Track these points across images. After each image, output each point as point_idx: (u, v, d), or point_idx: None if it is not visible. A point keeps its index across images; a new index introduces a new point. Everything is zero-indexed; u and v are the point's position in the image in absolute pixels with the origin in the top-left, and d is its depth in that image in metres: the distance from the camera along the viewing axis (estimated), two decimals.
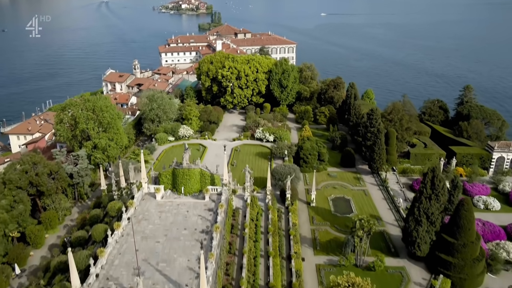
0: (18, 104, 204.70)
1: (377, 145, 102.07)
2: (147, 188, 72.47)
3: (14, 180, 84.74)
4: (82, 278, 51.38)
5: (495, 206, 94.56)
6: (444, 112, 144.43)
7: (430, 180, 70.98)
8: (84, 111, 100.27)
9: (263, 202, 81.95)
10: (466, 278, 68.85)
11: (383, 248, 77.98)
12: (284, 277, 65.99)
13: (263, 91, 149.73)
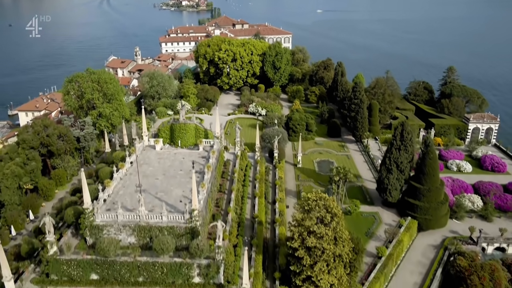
0: (24, 90, 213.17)
1: (360, 114, 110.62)
2: (148, 141, 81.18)
3: (27, 140, 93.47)
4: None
5: (466, 169, 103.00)
6: (429, 93, 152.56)
7: (400, 133, 79.49)
8: (90, 83, 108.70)
9: (252, 159, 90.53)
10: (430, 219, 77.38)
11: (360, 198, 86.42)
12: (268, 216, 74.69)
13: (258, 72, 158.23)
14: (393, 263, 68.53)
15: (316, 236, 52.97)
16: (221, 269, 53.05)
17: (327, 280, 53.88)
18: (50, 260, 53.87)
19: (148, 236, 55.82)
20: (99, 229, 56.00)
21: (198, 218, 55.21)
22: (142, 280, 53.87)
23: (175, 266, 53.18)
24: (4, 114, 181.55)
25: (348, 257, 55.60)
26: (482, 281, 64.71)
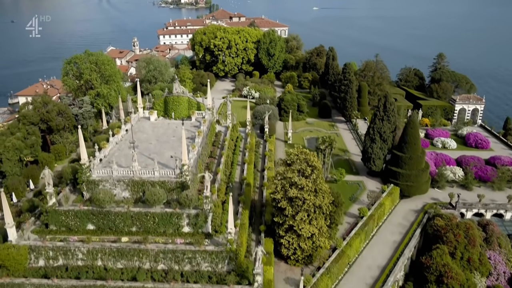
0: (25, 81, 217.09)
1: (349, 94, 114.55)
2: (143, 113, 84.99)
3: (28, 116, 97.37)
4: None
5: (451, 145, 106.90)
6: (420, 79, 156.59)
7: (383, 104, 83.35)
8: (88, 64, 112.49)
9: (243, 133, 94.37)
10: (412, 185, 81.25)
11: (346, 169, 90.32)
12: (257, 182, 78.58)
13: (252, 59, 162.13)
14: (374, 223, 72.39)
15: (297, 187, 56.81)
16: (209, 218, 56.80)
17: (308, 229, 57.70)
18: (49, 211, 57.63)
19: (141, 190, 59.52)
20: (95, 184, 59.72)
21: (188, 173, 58.96)
22: (135, 230, 57.62)
23: (166, 216, 56.95)
24: (5, 102, 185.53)
25: (328, 209, 59.42)
26: (457, 238, 68.60)
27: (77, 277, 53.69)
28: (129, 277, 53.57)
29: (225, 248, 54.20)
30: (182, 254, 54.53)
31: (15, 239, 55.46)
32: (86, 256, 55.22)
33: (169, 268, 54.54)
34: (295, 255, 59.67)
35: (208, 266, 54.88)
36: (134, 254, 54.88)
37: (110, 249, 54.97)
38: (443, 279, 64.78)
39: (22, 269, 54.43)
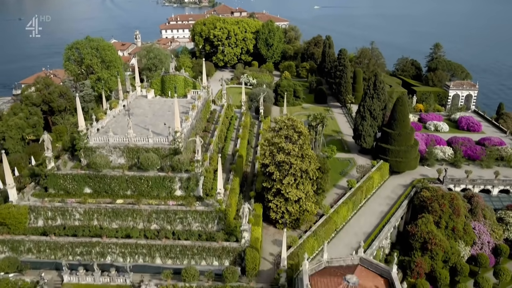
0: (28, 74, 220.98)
1: (343, 78, 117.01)
2: (140, 92, 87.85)
3: (30, 97, 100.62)
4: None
5: (443, 128, 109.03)
6: (416, 69, 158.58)
7: (373, 83, 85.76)
8: (89, 49, 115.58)
9: (238, 114, 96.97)
10: (401, 161, 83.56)
11: (338, 148, 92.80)
12: (250, 157, 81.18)
13: (251, 49, 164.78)
14: (362, 194, 74.77)
15: (284, 152, 59.35)
16: (200, 182, 59.41)
17: (295, 193, 60.23)
18: (48, 175, 60.48)
19: (136, 157, 62.12)
20: (92, 150, 62.39)
21: (181, 140, 61.59)
22: (129, 193, 60.31)
23: (159, 179, 59.60)
24: (10, 93, 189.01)
25: (314, 175, 61.90)
26: (442, 207, 70.93)
27: (74, 235, 56.46)
28: (123, 235, 56.25)
29: (214, 208, 56.81)
30: (174, 214, 57.16)
31: (15, 199, 58.34)
32: (83, 216, 57.99)
33: (161, 228, 57.21)
34: (283, 218, 62.14)
35: (198, 226, 57.50)
36: (128, 215, 57.58)
37: (105, 210, 57.71)
38: (427, 246, 67.17)
39: (22, 228, 57.28)
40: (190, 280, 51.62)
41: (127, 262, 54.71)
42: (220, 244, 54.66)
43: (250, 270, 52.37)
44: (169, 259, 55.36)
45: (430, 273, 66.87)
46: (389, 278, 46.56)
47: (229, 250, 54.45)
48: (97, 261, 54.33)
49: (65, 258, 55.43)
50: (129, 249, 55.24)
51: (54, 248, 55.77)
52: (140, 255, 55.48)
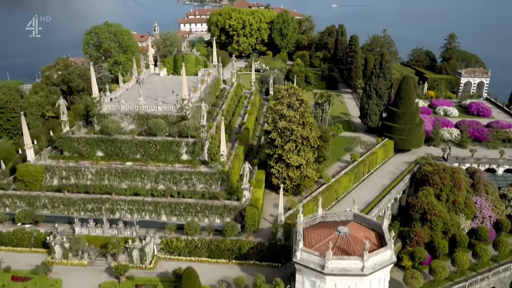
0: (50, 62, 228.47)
1: (354, 64, 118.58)
2: (153, 70, 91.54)
3: (50, 77, 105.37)
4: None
5: (453, 113, 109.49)
6: (430, 59, 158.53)
7: (379, 62, 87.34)
8: (107, 34, 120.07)
9: (248, 94, 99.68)
10: (405, 139, 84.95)
11: (345, 127, 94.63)
12: (256, 132, 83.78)
13: (266, 39, 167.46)
14: (365, 168, 76.60)
15: (286, 119, 61.79)
16: (205, 147, 62.32)
17: (296, 159, 62.58)
18: (64, 138, 64.37)
19: (146, 124, 65.36)
20: (105, 117, 65.91)
21: (188, 108, 64.64)
22: (139, 157, 63.60)
23: (167, 143, 62.74)
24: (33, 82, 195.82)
25: (315, 142, 64.12)
26: (443, 180, 72.14)
27: (86, 192, 60.10)
28: (131, 193, 59.60)
29: (218, 170, 59.65)
30: (180, 175, 60.23)
31: (32, 159, 62.37)
32: (95, 176, 61.57)
33: (167, 188, 60.25)
34: (284, 184, 64.50)
35: (203, 187, 60.40)
36: (137, 175, 60.91)
37: (115, 170, 61.18)
38: (427, 217, 68.56)
39: (39, 185, 61.17)
40: (192, 233, 54.56)
41: (134, 218, 57.89)
42: (222, 202, 57.47)
43: (249, 226, 55.00)
44: (174, 216, 58.41)
45: (429, 243, 68.17)
46: (380, 232, 48.52)
47: (230, 208, 57.20)
48: (107, 217, 57.63)
49: (77, 214, 59.01)
50: (136, 206, 58.54)
51: (67, 204, 59.47)
52: (146, 212, 58.71)
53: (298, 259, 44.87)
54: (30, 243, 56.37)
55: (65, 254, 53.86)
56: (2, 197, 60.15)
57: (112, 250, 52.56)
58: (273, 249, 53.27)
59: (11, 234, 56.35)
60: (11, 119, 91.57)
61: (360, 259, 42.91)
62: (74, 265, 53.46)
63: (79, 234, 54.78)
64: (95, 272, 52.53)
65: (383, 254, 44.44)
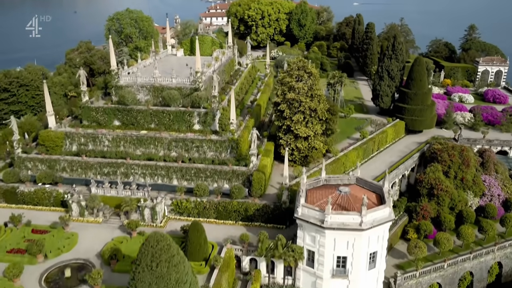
0: None
1: (369, 50, 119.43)
2: (171, 51, 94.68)
3: (73, 59, 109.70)
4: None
5: (468, 100, 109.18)
6: (449, 50, 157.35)
7: (392, 44, 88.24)
8: (128, 20, 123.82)
9: (263, 77, 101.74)
10: (416, 119, 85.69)
11: (358, 110, 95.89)
12: (269, 111, 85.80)
13: (284, 30, 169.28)
14: (374, 145, 77.79)
15: (295, 91, 63.67)
16: (216, 117, 64.70)
17: (304, 131, 64.40)
18: (83, 107, 67.80)
19: (161, 96, 68.07)
20: (122, 88, 69.05)
21: (201, 81, 67.15)
22: (153, 126, 66.44)
23: (180, 113, 65.38)
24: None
25: (323, 115, 65.77)
26: (451, 157, 72.79)
27: (102, 156, 63.26)
28: (145, 159, 62.50)
29: (227, 138, 62.00)
30: (191, 142, 62.85)
31: (54, 126, 65.99)
32: (111, 143, 64.72)
33: (179, 155, 62.87)
34: (292, 155, 66.40)
35: (213, 155, 62.84)
36: (151, 142, 63.79)
37: (131, 138, 64.22)
38: (434, 192, 69.38)
39: (59, 150, 64.72)
40: (201, 194, 57.06)
41: (147, 181, 60.72)
42: (231, 168, 59.78)
43: (256, 190, 57.15)
44: (185, 181, 61.00)
45: (436, 218, 69.05)
46: (381, 194, 49.96)
47: (238, 173, 59.46)
48: (121, 180, 60.57)
49: (94, 177, 62.20)
50: (149, 170, 61.38)
51: (85, 168, 62.76)
52: (159, 176, 61.50)
53: (299, 214, 46.77)
54: (50, 202, 59.79)
55: (81, 212, 57.00)
56: (25, 160, 63.86)
57: (125, 208, 55.43)
58: (278, 211, 55.26)
59: (32, 193, 59.88)
60: (35, 96, 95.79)
61: (359, 214, 44.52)
62: (89, 222, 56.55)
63: (95, 194, 57.86)
64: (109, 228, 55.47)
65: (381, 211, 45.91)
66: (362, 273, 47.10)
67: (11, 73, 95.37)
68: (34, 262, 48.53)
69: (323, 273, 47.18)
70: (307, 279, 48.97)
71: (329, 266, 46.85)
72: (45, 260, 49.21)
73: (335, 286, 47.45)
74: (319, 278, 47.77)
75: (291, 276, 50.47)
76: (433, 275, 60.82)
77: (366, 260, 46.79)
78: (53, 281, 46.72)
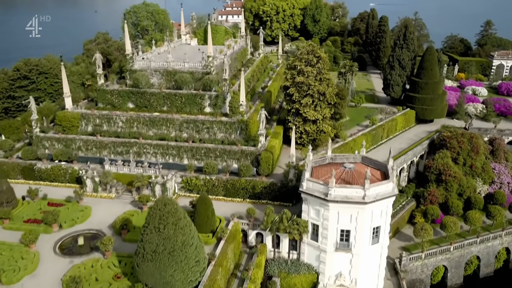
0: None
1: (382, 43, 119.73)
2: (185, 40, 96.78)
3: (91, 49, 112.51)
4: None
5: (481, 92, 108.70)
6: (465, 46, 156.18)
7: (403, 34, 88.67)
8: (144, 13, 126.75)
9: (276, 68, 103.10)
10: (427, 109, 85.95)
11: (369, 100, 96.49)
12: (280, 98, 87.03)
13: (298, 25, 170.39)
14: (383, 132, 78.40)
15: (304, 75, 64.84)
16: (227, 100, 66.29)
17: (312, 114, 65.49)
18: (99, 89, 70.15)
19: (173, 80, 70.02)
20: (136, 72, 71.15)
21: (212, 65, 68.80)
22: (166, 109, 68.41)
23: (191, 96, 67.18)
24: None
25: (332, 99, 66.76)
26: (460, 144, 73.05)
27: (116, 136, 65.41)
28: (157, 138, 64.46)
29: (237, 120, 63.53)
30: (202, 124, 64.60)
31: (70, 107, 68.45)
32: (125, 124, 66.90)
33: (190, 136, 64.61)
34: (301, 139, 67.54)
35: (223, 136, 64.46)
36: (163, 123, 65.74)
37: (144, 119, 66.30)
38: (442, 177, 69.70)
39: (75, 131, 67.14)
40: (210, 172, 58.67)
41: (158, 160, 62.62)
42: (239, 147, 61.27)
43: (263, 168, 58.49)
44: (195, 160, 62.71)
45: (443, 203, 69.36)
46: (385, 171, 50.78)
47: (247, 153, 60.92)
48: (134, 159, 62.59)
49: (108, 156, 64.35)
50: (161, 149, 63.29)
51: (99, 147, 65.00)
52: (170, 156, 63.38)
53: (304, 188, 47.93)
54: (65, 178, 62.11)
55: (95, 187, 59.13)
56: (43, 139, 66.42)
57: (137, 184, 57.36)
58: (285, 189, 56.50)
59: (49, 170, 62.29)
60: (54, 84, 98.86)
61: (362, 187, 45.48)
62: (102, 197, 58.64)
63: (108, 170, 59.94)
64: (121, 203, 57.45)
65: (385, 186, 46.78)
66: (365, 247, 47.98)
67: (31, 61, 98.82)
68: (49, 231, 50.67)
69: (327, 246, 48.23)
70: (312, 253, 50.08)
71: (332, 240, 47.87)
72: (59, 230, 51.35)
73: (339, 259, 48.45)
74: (323, 252, 48.83)
75: (296, 250, 51.66)
76: (439, 258, 61.26)
77: (369, 234, 47.66)
78: (67, 248, 48.81)
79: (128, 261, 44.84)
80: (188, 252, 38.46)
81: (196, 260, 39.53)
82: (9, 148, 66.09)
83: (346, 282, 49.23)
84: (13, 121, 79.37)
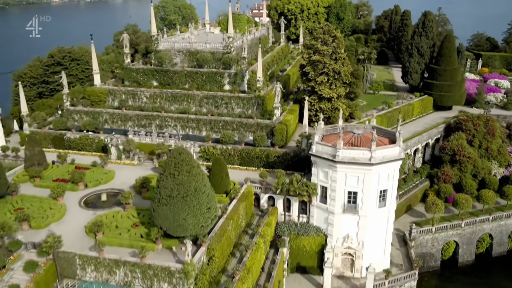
0: None
1: (404, 37, 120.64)
2: (209, 29, 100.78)
3: (120, 40, 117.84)
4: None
5: (504, 85, 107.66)
6: (492, 45, 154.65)
7: (422, 22, 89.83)
8: (172, 7, 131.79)
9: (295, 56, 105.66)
10: (444, 95, 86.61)
11: (388, 89, 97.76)
12: (298, 83, 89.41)
13: (323, 23, 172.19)
14: (399, 114, 79.13)
15: (320, 53, 67.22)
16: (245, 78, 69.29)
17: (327, 92, 67.74)
18: (125, 68, 74.39)
19: (195, 59, 73.57)
20: (161, 52, 75.09)
21: (233, 45, 72.01)
22: (187, 86, 71.93)
23: (211, 74, 70.51)
24: None
25: (347, 78, 68.80)
26: (476, 127, 73.78)
27: (140, 110, 69.29)
28: (178, 112, 67.97)
29: (254, 95, 66.39)
30: (221, 99, 67.78)
31: (98, 83, 72.88)
32: (149, 99, 70.81)
33: (209, 111, 67.81)
34: (316, 116, 69.59)
35: (240, 111, 67.42)
36: (184, 99, 69.29)
37: (166, 95, 70.04)
38: (456, 158, 70.56)
39: (102, 105, 71.43)
40: (227, 141, 61.59)
41: (179, 132, 66.02)
42: (255, 120, 64.07)
43: (277, 140, 60.99)
44: (213, 133, 65.79)
45: (457, 184, 70.12)
46: (394, 139, 52.41)
47: (263, 126, 63.64)
48: (156, 131, 66.20)
49: (132, 128, 68.21)
50: (181, 122, 66.74)
51: (124, 120, 69.01)
52: (190, 128, 66.76)
53: (313, 151, 50.18)
54: (92, 148, 66.21)
55: (119, 155, 62.92)
56: (72, 112, 70.97)
57: (158, 151, 60.78)
58: (297, 158, 58.79)
59: (78, 139, 66.54)
60: (85, 70, 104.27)
61: (368, 149, 47.40)
62: (125, 164, 62.31)
63: (132, 138, 63.67)
64: (142, 169, 60.92)
65: (391, 149, 48.53)
66: (372, 210, 49.69)
67: (64, 49, 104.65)
68: (75, 189, 54.51)
69: (335, 208, 50.20)
70: (320, 216, 52.13)
71: (340, 201, 49.82)
72: (85, 189, 55.11)
73: (346, 221, 50.30)
74: (331, 214, 50.81)
75: (305, 214, 53.79)
76: (449, 232, 62.13)
77: (376, 197, 49.38)
78: (91, 203, 52.46)
79: (146, 213, 47.98)
80: (200, 198, 41.21)
81: (208, 207, 42.21)
82: (42, 119, 70.88)
83: (353, 244, 50.98)
84: (47, 100, 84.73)
